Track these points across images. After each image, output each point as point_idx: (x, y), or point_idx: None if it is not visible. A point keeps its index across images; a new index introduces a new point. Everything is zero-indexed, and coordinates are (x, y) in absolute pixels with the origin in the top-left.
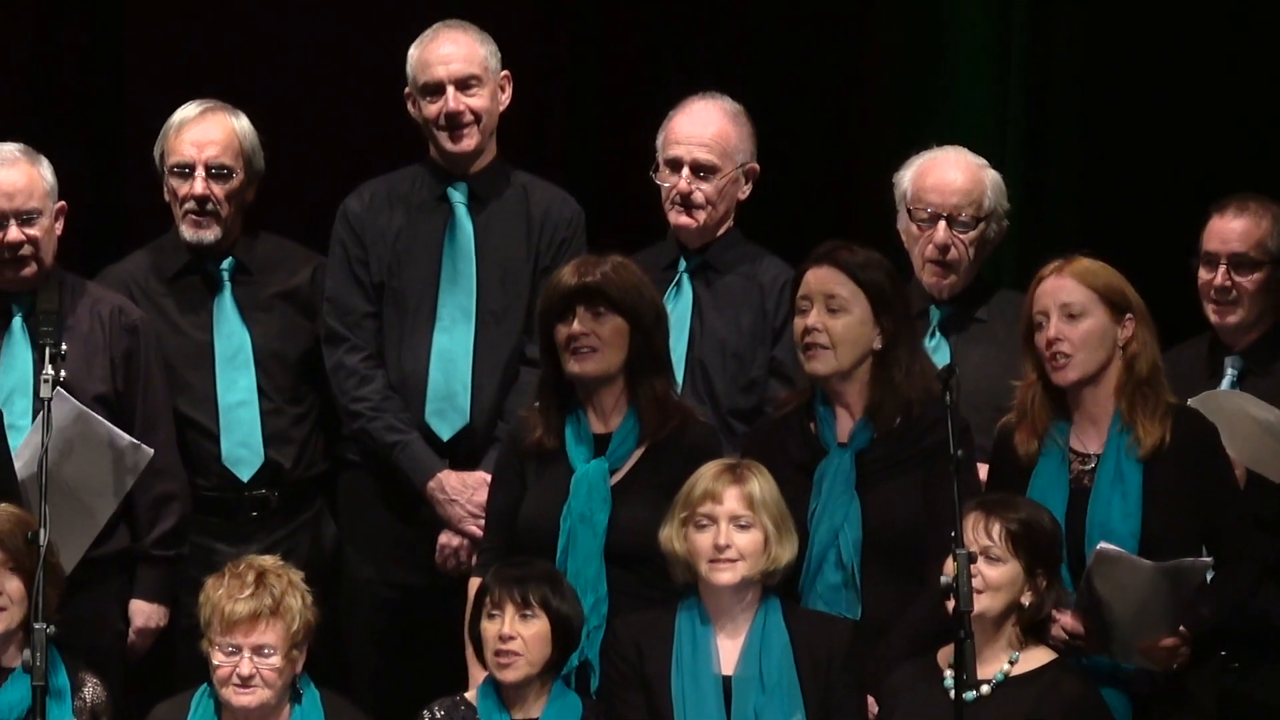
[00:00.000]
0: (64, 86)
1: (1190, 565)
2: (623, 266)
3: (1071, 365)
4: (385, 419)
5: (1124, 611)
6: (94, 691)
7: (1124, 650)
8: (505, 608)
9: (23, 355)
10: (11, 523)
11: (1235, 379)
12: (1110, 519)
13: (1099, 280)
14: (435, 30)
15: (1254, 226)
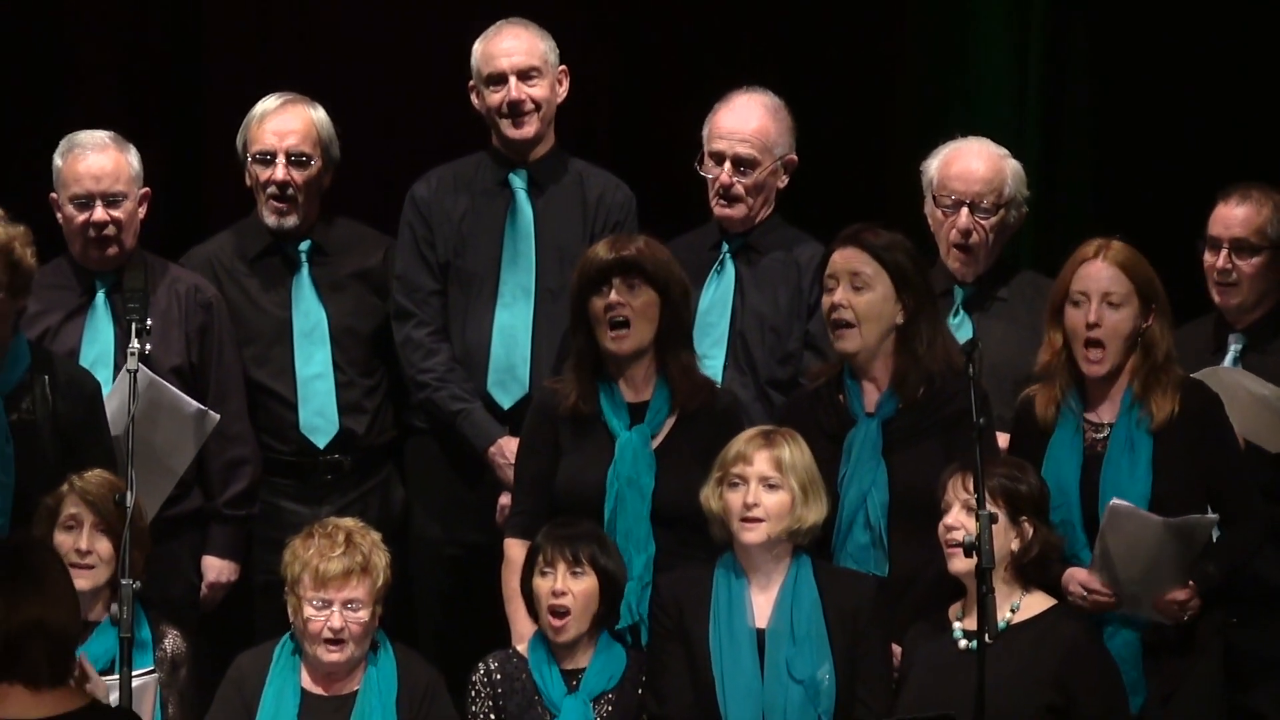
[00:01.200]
0: (150, 81)
1: (1197, 521)
2: (653, 243)
3: (1105, 358)
4: (450, 389)
5: (1136, 566)
6: (174, 643)
7: (1136, 603)
8: (557, 566)
9: (105, 329)
10: (103, 487)
11: (1237, 356)
12: (1121, 483)
13: (1138, 273)
14: (498, 26)
15: (1255, 214)
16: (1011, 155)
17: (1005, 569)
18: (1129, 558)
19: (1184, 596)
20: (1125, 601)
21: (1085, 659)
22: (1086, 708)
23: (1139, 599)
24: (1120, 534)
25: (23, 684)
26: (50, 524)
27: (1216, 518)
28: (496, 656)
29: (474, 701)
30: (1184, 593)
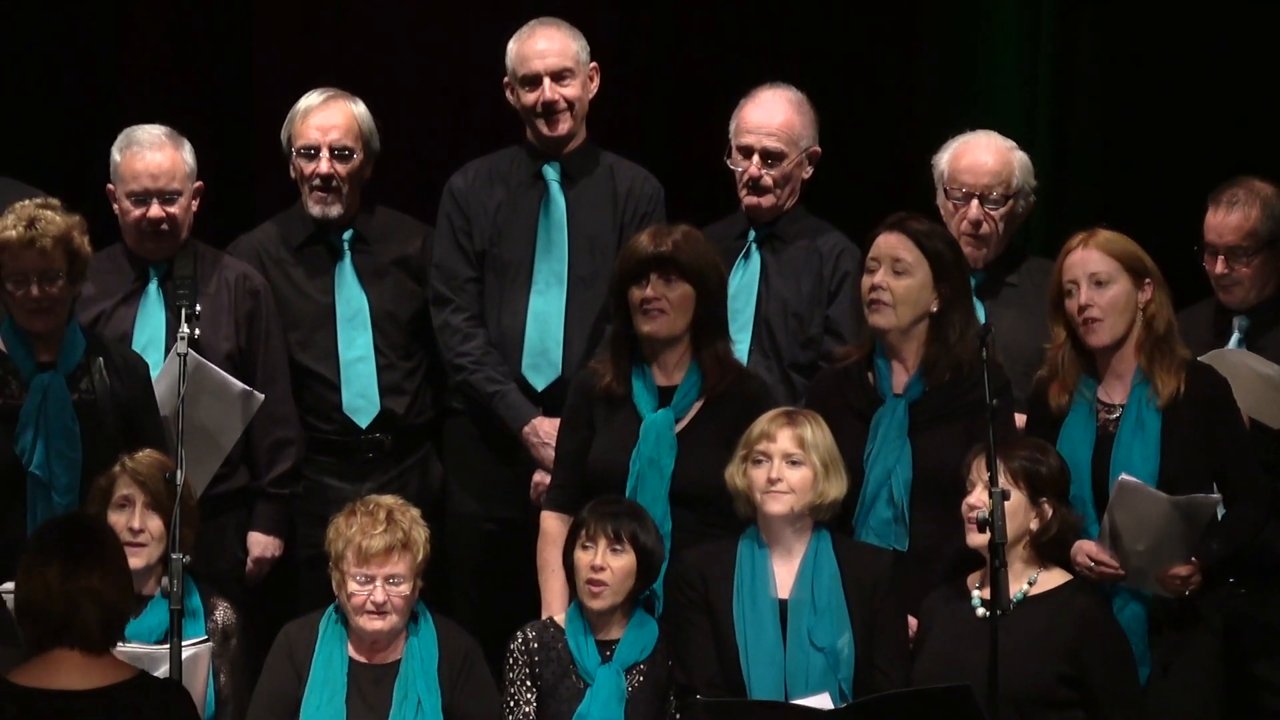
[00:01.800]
0: (200, 78)
1: (1202, 500)
2: (692, 236)
3: (1103, 329)
4: (485, 371)
5: (1142, 541)
6: (225, 614)
7: (1140, 577)
8: (599, 541)
9: (157, 315)
10: (153, 467)
11: (1242, 337)
12: (1132, 462)
13: (1121, 250)
14: (532, 27)
15: (1244, 220)
16: (1020, 147)
17: (1024, 546)
18: (1135, 533)
19: (1186, 572)
20: (1130, 576)
21: (1098, 632)
22: (1098, 678)
23: (1144, 573)
24: (1128, 509)
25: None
26: (104, 503)
27: (1220, 498)
28: (534, 626)
29: (511, 669)
30: (1186, 568)
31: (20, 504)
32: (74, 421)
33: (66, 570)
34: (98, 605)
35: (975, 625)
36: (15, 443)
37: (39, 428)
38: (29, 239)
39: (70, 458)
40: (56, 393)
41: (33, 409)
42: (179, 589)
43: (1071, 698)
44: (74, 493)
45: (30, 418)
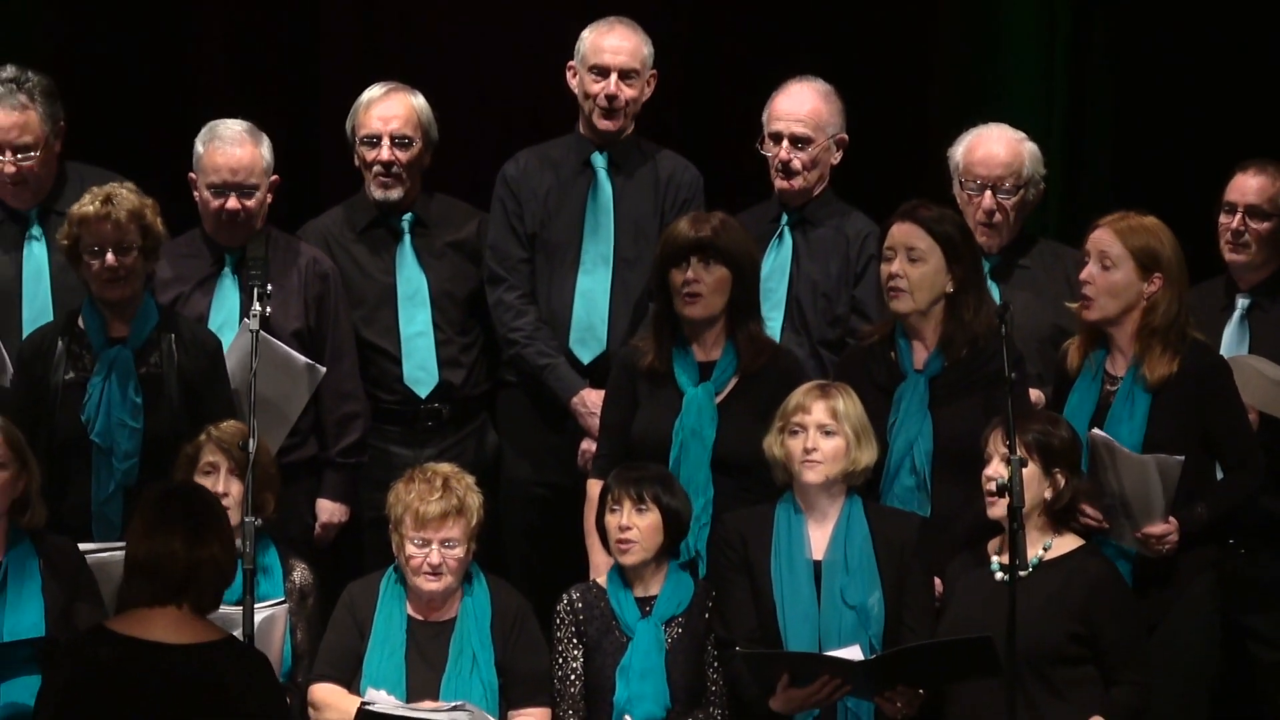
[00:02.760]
0: (270, 73)
1: (1165, 460)
2: (729, 223)
3: (1093, 307)
4: (537, 346)
5: (1123, 499)
6: (303, 575)
7: (1120, 533)
8: (624, 503)
9: (231, 297)
10: (236, 436)
11: (1244, 312)
12: (1119, 431)
13: (1138, 241)
14: (611, 23)
15: (1269, 184)
16: (1036, 135)
17: (1039, 514)
18: (1117, 490)
19: (1160, 531)
20: (1112, 529)
21: (1109, 593)
22: (1108, 636)
23: (1122, 530)
24: (1106, 467)
25: (189, 607)
26: (190, 470)
27: (1182, 459)
28: (578, 588)
29: (559, 629)
30: (1161, 527)
31: (86, 471)
32: (137, 393)
33: (192, 537)
34: (216, 572)
35: (994, 588)
36: (82, 411)
37: (103, 398)
38: (105, 213)
39: (131, 427)
40: (122, 365)
41: (99, 380)
42: (252, 550)
43: (1084, 654)
44: (134, 460)
45: (96, 388)
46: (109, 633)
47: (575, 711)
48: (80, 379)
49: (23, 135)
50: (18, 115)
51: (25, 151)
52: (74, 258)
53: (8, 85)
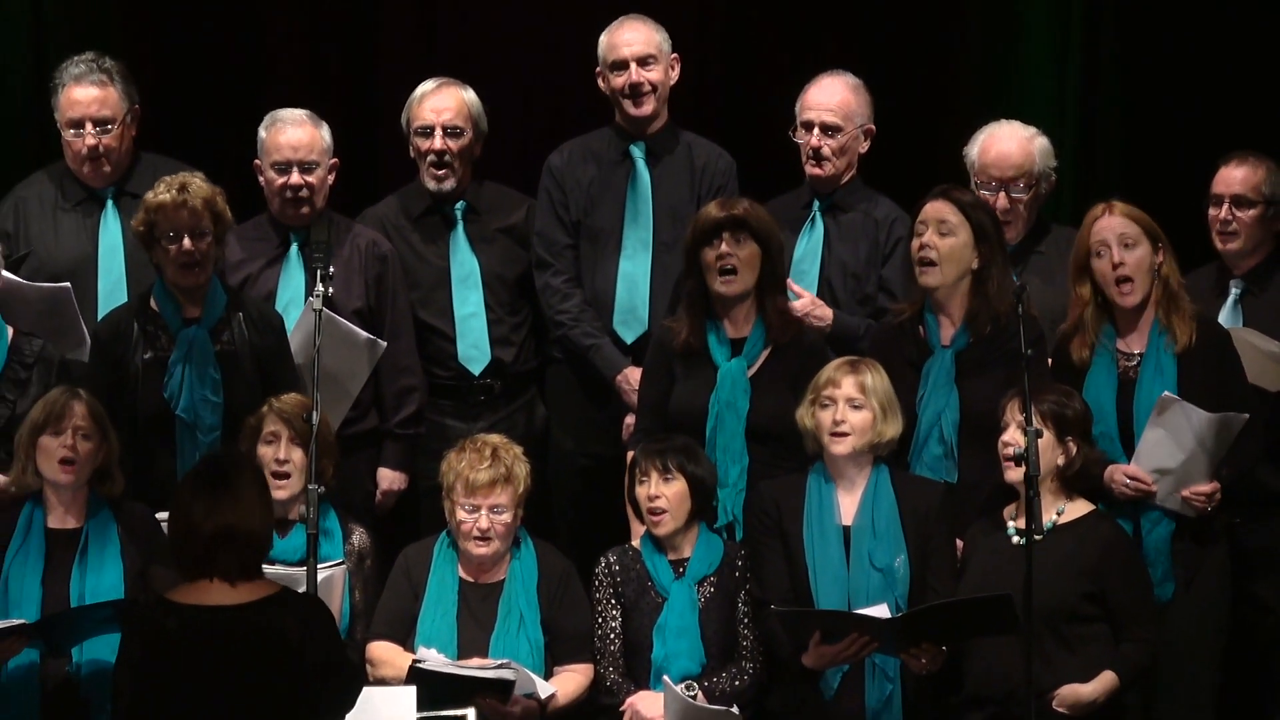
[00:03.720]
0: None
1: (1234, 416)
2: (756, 205)
3: (1134, 288)
4: (582, 326)
5: (1175, 459)
6: (361, 538)
7: (1168, 496)
8: (651, 474)
9: (297, 276)
10: (297, 407)
11: (1238, 297)
12: (1154, 400)
13: (1140, 217)
14: (620, 21)
15: (1251, 174)
16: (1050, 126)
17: (1052, 479)
18: (1169, 450)
19: (1209, 489)
20: (1160, 493)
21: (1119, 555)
22: (1118, 595)
23: (1171, 491)
24: (1166, 425)
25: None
26: (254, 439)
27: (1247, 416)
28: (614, 551)
29: (598, 590)
30: (1209, 485)
31: (170, 444)
32: (216, 370)
33: (206, 510)
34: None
35: (1011, 551)
36: (164, 389)
37: (185, 376)
38: (181, 200)
39: (213, 402)
40: (201, 344)
41: (179, 359)
42: (315, 515)
43: (1095, 612)
44: (217, 432)
45: (177, 367)
46: (171, 603)
47: (615, 668)
48: (159, 359)
49: (102, 109)
50: (97, 90)
51: (104, 125)
52: (148, 242)
53: (89, 64)
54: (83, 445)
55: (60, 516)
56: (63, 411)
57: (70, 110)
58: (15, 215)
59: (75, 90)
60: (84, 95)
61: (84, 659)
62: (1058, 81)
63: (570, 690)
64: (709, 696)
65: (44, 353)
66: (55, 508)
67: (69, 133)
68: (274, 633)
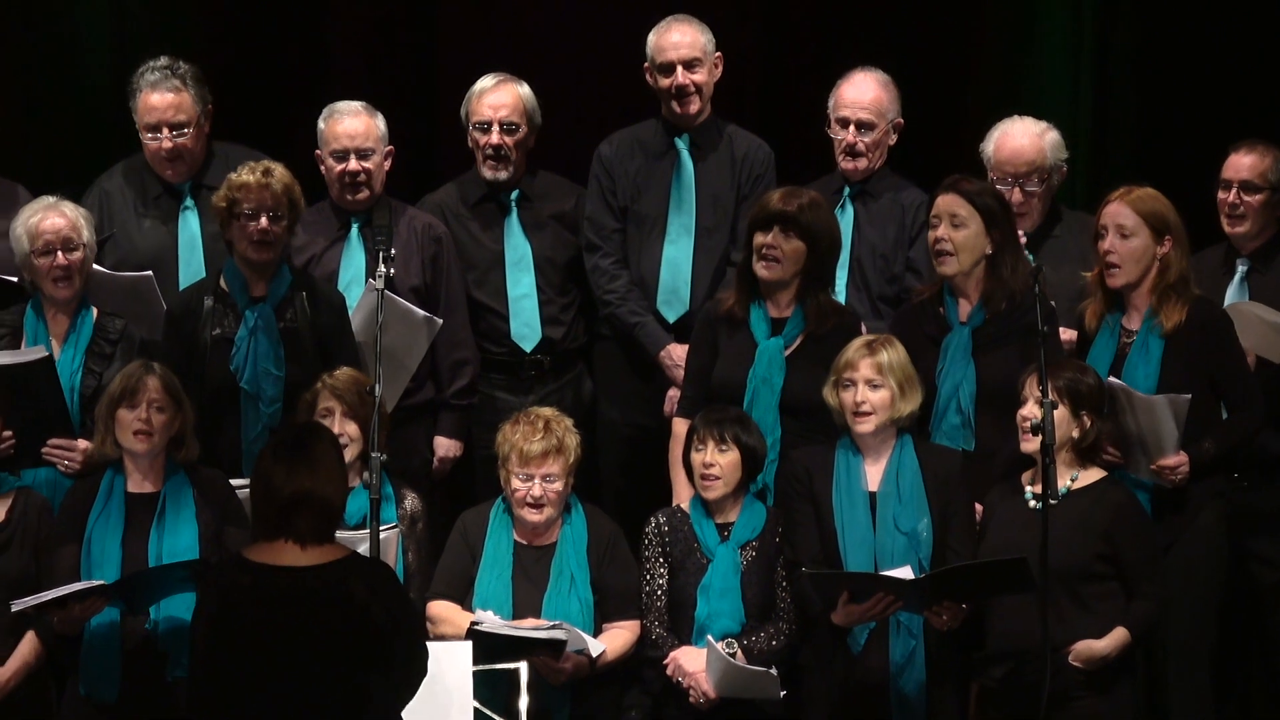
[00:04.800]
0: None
1: (1175, 399)
2: (818, 203)
3: (1119, 273)
4: (628, 306)
5: (1140, 437)
6: (413, 503)
7: (1136, 466)
8: (708, 443)
9: (358, 257)
10: (350, 382)
11: (1244, 274)
12: (1135, 377)
13: (1148, 209)
14: (668, 23)
15: (1259, 161)
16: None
17: (1067, 450)
18: (1133, 428)
19: (1173, 463)
20: (1129, 464)
21: (1128, 518)
22: (1128, 555)
23: (1139, 463)
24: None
25: (293, 541)
26: (310, 414)
27: (1189, 397)
28: (664, 512)
29: (646, 549)
30: (1174, 459)
31: (235, 414)
32: (279, 345)
33: (286, 475)
34: (310, 506)
35: (1028, 515)
36: (230, 363)
37: (250, 350)
38: (264, 183)
39: (275, 375)
40: (266, 321)
41: (245, 335)
42: (377, 481)
43: (1107, 572)
44: (278, 404)
45: (243, 342)
46: (246, 561)
47: (660, 623)
48: (227, 334)
49: (177, 114)
50: (172, 96)
51: (179, 129)
52: (226, 219)
53: (163, 71)
54: (157, 417)
55: (139, 481)
56: (138, 386)
57: (147, 115)
58: (100, 205)
59: (152, 96)
60: (160, 101)
61: (161, 616)
62: (1072, 73)
63: (618, 646)
64: (748, 655)
65: (126, 330)
66: (134, 473)
67: (146, 135)
68: (341, 594)
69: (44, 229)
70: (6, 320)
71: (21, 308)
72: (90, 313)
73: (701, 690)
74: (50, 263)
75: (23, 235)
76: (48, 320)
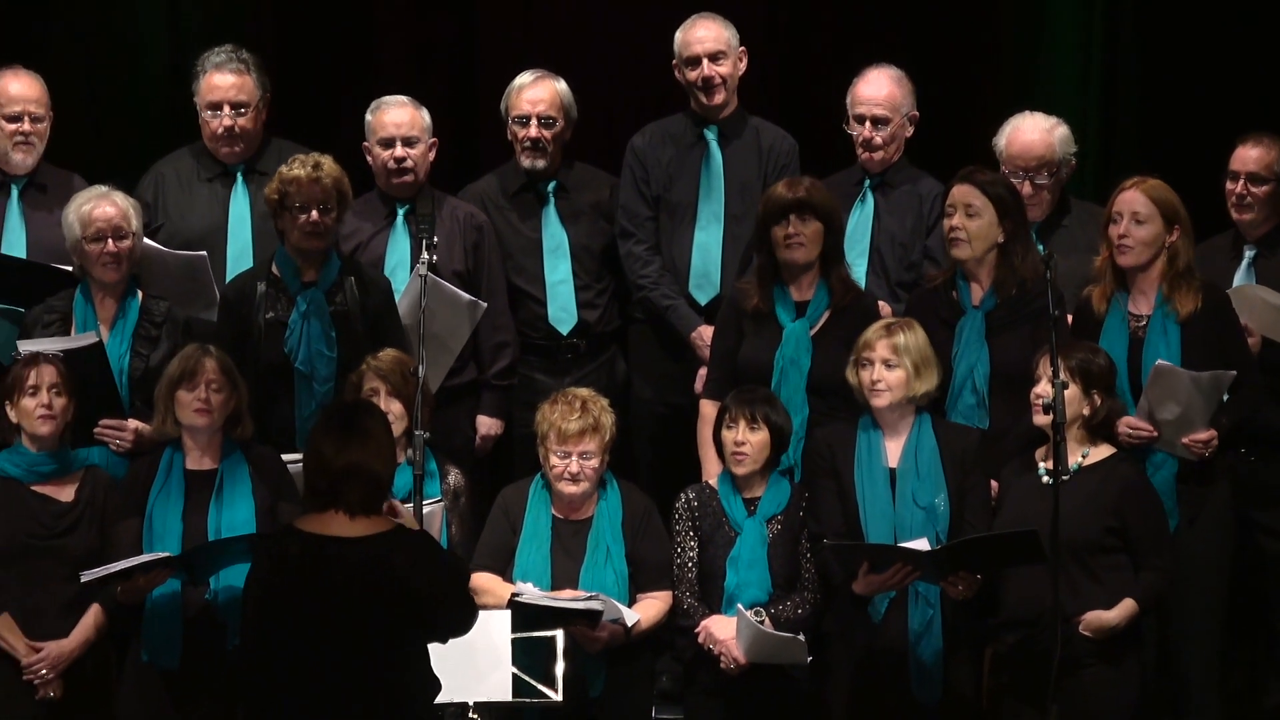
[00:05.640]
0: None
1: (1221, 374)
2: (818, 185)
3: (1131, 254)
4: (661, 290)
5: (1172, 412)
6: (456, 478)
7: (1170, 444)
8: (739, 421)
9: (403, 243)
10: (394, 363)
11: (1251, 260)
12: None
13: (1160, 199)
14: (694, 19)
15: (1265, 154)
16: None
17: (1079, 427)
18: (1167, 406)
19: (1206, 437)
20: (1161, 441)
21: (1137, 493)
22: (1137, 529)
23: (1173, 440)
24: (1161, 386)
25: (342, 512)
26: (356, 394)
27: (1234, 373)
28: (694, 488)
29: (677, 523)
30: (1207, 434)
31: (289, 394)
32: (331, 328)
33: (336, 448)
34: (359, 479)
35: (1042, 490)
36: (284, 344)
37: (303, 332)
38: (315, 177)
39: (328, 356)
40: (317, 305)
41: (298, 319)
42: (420, 457)
43: (1116, 544)
44: (330, 384)
45: (297, 325)
46: (297, 531)
47: (692, 594)
48: (280, 318)
49: (239, 94)
50: (235, 78)
51: (240, 108)
52: (277, 210)
53: (229, 54)
54: (214, 397)
55: (197, 459)
56: (196, 368)
57: (210, 94)
58: (155, 187)
59: (215, 76)
60: (223, 81)
61: (220, 586)
62: (1081, 69)
63: (651, 615)
64: (775, 623)
65: (171, 313)
66: (192, 451)
67: (207, 113)
68: (383, 565)
69: (96, 216)
70: (57, 306)
71: (70, 294)
72: (136, 298)
73: (732, 656)
74: (100, 249)
75: (75, 222)
76: (96, 305)
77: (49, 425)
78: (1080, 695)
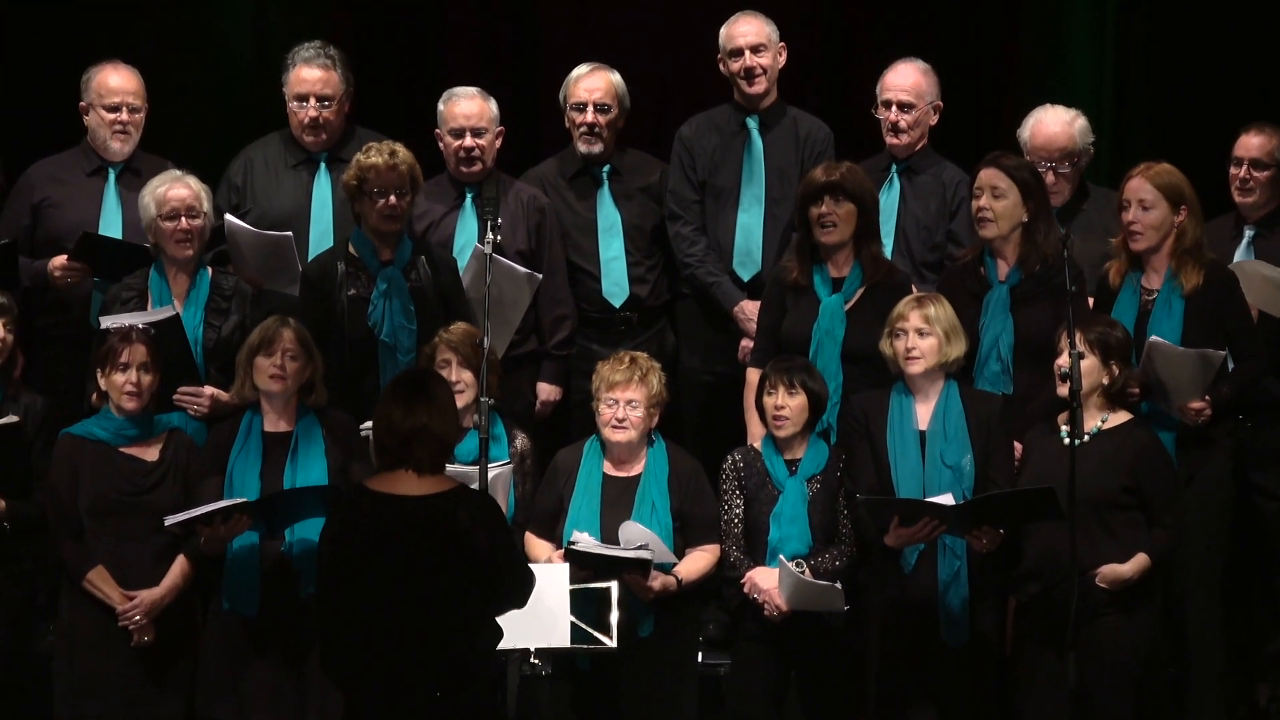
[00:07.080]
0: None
1: (1211, 353)
2: (854, 169)
3: (1140, 240)
4: (706, 267)
5: (1169, 382)
6: (522, 442)
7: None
8: (779, 388)
9: (471, 224)
10: (464, 335)
11: (1251, 239)
12: (1162, 330)
13: (1166, 184)
14: (737, 15)
15: (1267, 141)
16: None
17: (1097, 395)
18: (1165, 376)
19: (1198, 406)
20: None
21: (1151, 455)
22: (1150, 488)
23: (1170, 406)
24: (1157, 361)
25: (411, 470)
26: (430, 364)
27: (1225, 353)
28: (739, 450)
29: (724, 482)
30: (1199, 403)
31: (374, 365)
32: (410, 303)
33: (405, 410)
34: (427, 439)
35: (1062, 451)
36: (368, 319)
37: (385, 308)
38: (392, 164)
39: (409, 328)
40: (397, 281)
41: (380, 295)
42: (486, 422)
43: (1131, 503)
44: (412, 354)
45: (380, 301)
46: (367, 490)
47: (738, 547)
48: (362, 294)
49: (325, 88)
50: (322, 72)
51: (325, 101)
52: (355, 195)
53: (317, 50)
54: (290, 365)
55: (274, 421)
56: (273, 337)
57: (298, 86)
58: (245, 171)
59: (304, 70)
60: (310, 75)
61: (295, 539)
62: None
63: (700, 567)
64: (814, 573)
65: (239, 287)
66: (269, 414)
67: (294, 104)
68: (448, 521)
69: (170, 197)
70: (134, 284)
71: (146, 271)
72: (207, 273)
73: (775, 604)
74: (175, 226)
75: (150, 203)
76: (170, 281)
77: (134, 402)
78: (1096, 643)
